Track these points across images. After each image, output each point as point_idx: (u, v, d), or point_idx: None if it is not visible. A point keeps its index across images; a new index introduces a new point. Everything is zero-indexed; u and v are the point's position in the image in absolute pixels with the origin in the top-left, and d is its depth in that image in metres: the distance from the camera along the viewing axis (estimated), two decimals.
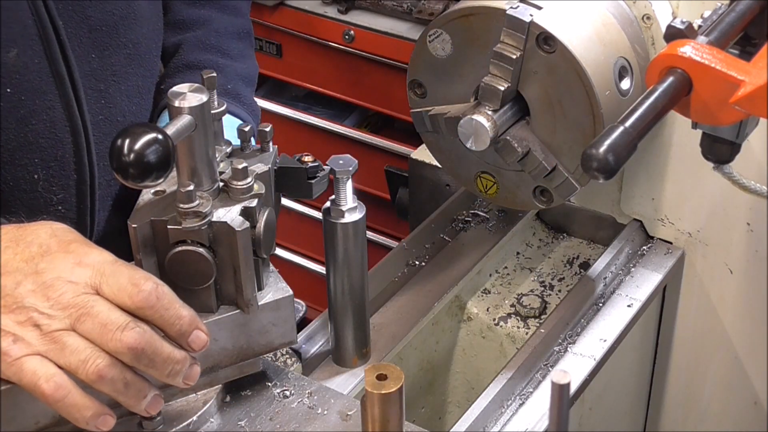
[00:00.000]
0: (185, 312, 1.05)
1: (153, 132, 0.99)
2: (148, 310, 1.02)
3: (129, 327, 1.00)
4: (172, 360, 1.04)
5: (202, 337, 1.06)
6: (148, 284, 1.02)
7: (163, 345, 1.03)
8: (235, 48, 1.51)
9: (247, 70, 1.52)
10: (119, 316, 1.01)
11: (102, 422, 1.02)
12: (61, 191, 1.28)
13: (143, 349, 1.01)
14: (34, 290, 1.01)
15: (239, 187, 1.12)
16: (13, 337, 0.99)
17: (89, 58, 1.28)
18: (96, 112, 1.29)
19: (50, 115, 1.24)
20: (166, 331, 1.04)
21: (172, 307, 1.04)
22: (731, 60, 1.01)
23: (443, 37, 1.32)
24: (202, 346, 1.06)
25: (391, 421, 1.02)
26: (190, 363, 1.06)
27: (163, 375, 1.04)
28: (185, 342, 1.05)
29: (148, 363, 1.02)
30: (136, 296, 1.02)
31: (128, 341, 1.00)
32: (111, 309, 1.01)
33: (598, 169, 0.95)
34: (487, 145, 1.27)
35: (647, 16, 1.36)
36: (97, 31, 1.28)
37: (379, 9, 2.43)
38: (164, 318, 1.03)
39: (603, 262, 1.48)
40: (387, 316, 1.41)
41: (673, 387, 1.68)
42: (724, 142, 1.13)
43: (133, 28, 1.33)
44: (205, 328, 1.07)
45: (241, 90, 1.48)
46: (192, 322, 1.05)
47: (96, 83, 1.29)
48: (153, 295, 1.02)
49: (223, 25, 1.51)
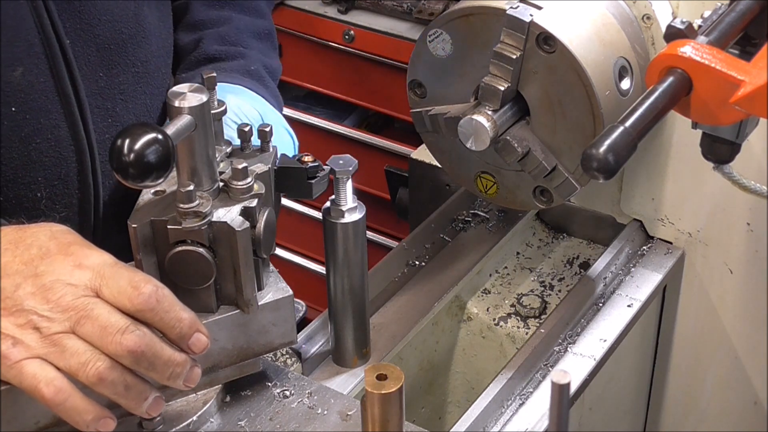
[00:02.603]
0: (185, 315, 1.05)
1: (153, 132, 0.99)
2: (148, 313, 1.02)
3: (129, 330, 1.00)
4: (173, 363, 1.04)
5: (203, 340, 1.06)
6: (148, 287, 1.02)
7: (164, 348, 1.03)
8: (257, 46, 1.48)
9: (271, 64, 1.49)
10: (119, 318, 1.01)
11: (102, 425, 1.02)
12: (64, 210, 1.27)
13: (143, 352, 1.01)
14: (34, 293, 1.00)
15: (239, 187, 1.12)
16: (12, 340, 0.99)
17: (96, 76, 1.26)
18: (102, 131, 1.28)
19: (55, 134, 1.23)
20: (167, 333, 1.04)
21: (173, 310, 1.03)
22: (731, 60, 1.01)
23: (443, 37, 1.32)
24: (202, 348, 1.06)
25: (391, 421, 1.02)
26: (190, 365, 1.06)
27: (163, 378, 1.04)
28: (185, 345, 1.05)
29: (149, 366, 1.02)
30: (136, 299, 1.01)
31: (128, 344, 1.00)
32: (111, 312, 1.01)
33: (598, 169, 0.95)
34: (487, 145, 1.27)
35: (647, 16, 1.36)
36: (105, 50, 1.26)
37: (379, 9, 2.43)
38: (164, 321, 1.03)
39: (603, 262, 1.48)
40: (387, 316, 1.41)
41: (673, 387, 1.68)
42: (724, 142, 1.13)
43: (142, 46, 1.31)
44: (206, 330, 1.07)
45: (264, 75, 1.45)
46: (192, 325, 1.05)
47: (103, 102, 1.28)
48: (153, 297, 1.02)
49: (244, 23, 1.49)
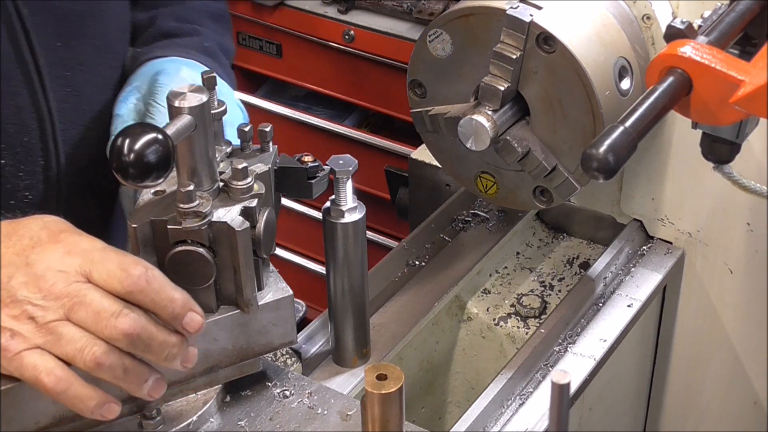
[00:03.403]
0: (177, 295, 1.04)
1: (153, 132, 0.99)
2: (139, 294, 1.01)
3: (123, 313, 1.00)
4: (168, 344, 1.03)
5: (197, 319, 1.05)
6: (138, 269, 1.02)
7: (158, 329, 1.02)
8: (211, 26, 1.49)
9: (225, 44, 1.50)
10: (112, 303, 1.00)
11: (107, 410, 1.02)
12: (27, 177, 1.27)
13: (138, 335, 1.00)
14: (26, 282, 1.01)
15: (239, 187, 1.12)
16: (10, 332, 0.99)
17: (54, 46, 1.28)
18: (61, 100, 1.29)
19: (16, 101, 1.24)
20: (159, 314, 1.03)
21: (164, 291, 1.03)
22: (731, 60, 1.01)
23: (443, 37, 1.32)
24: (197, 328, 1.05)
25: (391, 421, 1.02)
26: (186, 346, 1.05)
27: (160, 359, 1.04)
28: (179, 325, 1.04)
29: (144, 348, 1.02)
30: (125, 281, 1.01)
31: (123, 327, 1.00)
32: (103, 296, 1.01)
33: (598, 169, 0.95)
34: (487, 145, 1.27)
35: (647, 16, 1.36)
36: (63, 21, 1.28)
37: (379, 9, 2.43)
38: (156, 302, 1.02)
39: (603, 262, 1.48)
40: (387, 316, 1.41)
41: (673, 387, 1.68)
42: (724, 142, 1.14)
43: (101, 21, 1.33)
44: (200, 309, 1.06)
45: (218, 52, 1.45)
46: (185, 305, 1.04)
47: (62, 71, 1.29)
48: (143, 279, 1.01)
49: (199, 4, 1.50)
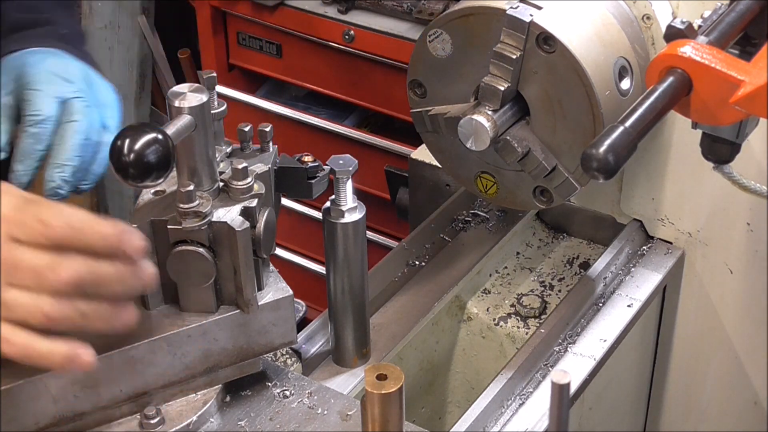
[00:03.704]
0: (107, 228, 1.00)
1: (153, 132, 0.99)
2: (67, 242, 0.98)
3: (58, 263, 0.97)
4: (118, 277, 1.00)
5: (135, 241, 1.01)
6: (56, 219, 0.99)
7: (100, 266, 0.99)
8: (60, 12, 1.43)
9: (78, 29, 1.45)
10: (44, 257, 0.98)
11: (77, 359, 1.00)
12: None
13: (82, 278, 0.98)
14: None
15: (239, 187, 1.12)
16: None
17: None
18: None
19: None
20: (97, 254, 0.99)
21: (90, 230, 0.99)
22: (731, 60, 1.01)
23: (443, 37, 1.32)
24: (139, 247, 1.01)
25: (391, 421, 1.02)
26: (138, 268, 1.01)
27: (117, 291, 1.00)
28: (122, 254, 1.00)
29: (96, 286, 0.99)
30: (49, 233, 0.98)
31: (63, 277, 0.97)
32: (35, 253, 0.98)
33: (598, 169, 0.95)
34: (487, 145, 1.27)
35: (647, 16, 1.36)
36: None
37: (379, 9, 2.43)
38: (87, 243, 0.99)
39: (603, 262, 1.48)
40: (387, 316, 1.41)
41: (673, 387, 1.68)
42: (724, 142, 1.14)
43: None
44: (137, 233, 1.02)
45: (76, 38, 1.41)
46: (118, 234, 1.00)
47: None
48: (65, 226, 0.98)
49: None
